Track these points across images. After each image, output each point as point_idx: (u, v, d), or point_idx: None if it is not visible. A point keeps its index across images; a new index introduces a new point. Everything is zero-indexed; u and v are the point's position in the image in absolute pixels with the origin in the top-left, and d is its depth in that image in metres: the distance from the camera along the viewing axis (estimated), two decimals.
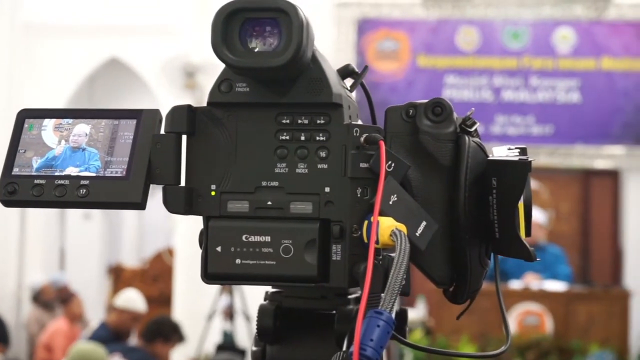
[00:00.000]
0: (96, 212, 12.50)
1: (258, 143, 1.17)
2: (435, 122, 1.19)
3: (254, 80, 1.16)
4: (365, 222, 1.12)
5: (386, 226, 1.08)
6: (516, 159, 1.17)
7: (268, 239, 1.14)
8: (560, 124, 10.21)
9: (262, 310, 1.26)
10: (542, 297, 8.48)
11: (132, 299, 7.22)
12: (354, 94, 1.27)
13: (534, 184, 10.50)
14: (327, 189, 1.15)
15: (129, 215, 13.70)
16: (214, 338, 9.05)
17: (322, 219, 1.15)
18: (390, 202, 1.11)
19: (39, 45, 10.11)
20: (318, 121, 1.16)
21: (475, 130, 1.21)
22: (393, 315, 1.31)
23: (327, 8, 10.22)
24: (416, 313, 9.05)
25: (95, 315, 10.22)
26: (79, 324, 8.82)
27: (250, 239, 1.15)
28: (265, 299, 1.29)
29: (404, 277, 1.13)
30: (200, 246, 1.18)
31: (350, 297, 1.24)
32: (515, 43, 10.28)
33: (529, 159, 1.16)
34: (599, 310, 8.53)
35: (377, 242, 1.09)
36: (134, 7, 10.11)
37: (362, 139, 1.15)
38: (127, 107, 1.25)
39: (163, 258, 11.09)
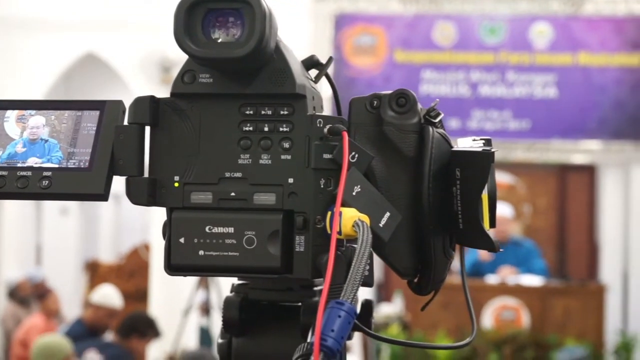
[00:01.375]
0: (73, 208, 12.46)
1: (221, 134, 1.17)
2: (399, 113, 1.18)
3: (217, 71, 1.16)
4: (329, 213, 1.11)
5: (349, 217, 1.08)
6: (479, 149, 1.16)
7: (231, 230, 1.14)
8: (537, 119, 10.23)
9: (227, 302, 1.26)
10: (518, 291, 8.51)
11: (109, 295, 7.20)
12: (319, 85, 1.26)
13: (511, 178, 10.57)
14: (290, 180, 1.15)
15: (105, 210, 13.66)
16: (191, 333, 9.04)
17: (285, 210, 1.15)
18: (354, 193, 1.11)
19: (15, 39, 10.06)
20: (281, 112, 1.15)
21: (440, 121, 1.21)
22: (358, 307, 1.31)
23: (304, 3, 10.22)
24: (393, 308, 9.06)
25: (71, 311, 10.19)
26: (55, 320, 8.78)
27: (213, 230, 1.14)
28: (231, 291, 1.28)
29: (367, 268, 1.13)
30: (164, 238, 1.17)
31: (315, 288, 1.24)
32: (492, 38, 10.29)
33: (492, 150, 1.16)
34: (575, 304, 8.57)
35: (339, 233, 1.08)
36: (111, 2, 10.08)
37: (325, 129, 1.14)
38: None
39: (139, 253, 11.06)
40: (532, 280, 8.60)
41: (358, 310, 1.28)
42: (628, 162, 10.29)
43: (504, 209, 8.95)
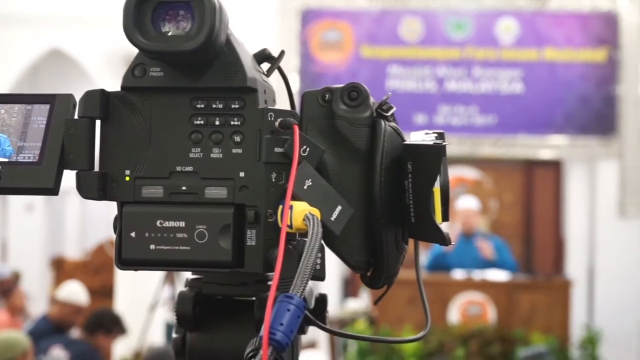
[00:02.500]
0: (38, 204, 12.39)
1: (172, 128, 1.16)
2: (351, 106, 1.18)
3: (168, 64, 1.15)
4: (280, 207, 1.11)
5: (299, 210, 1.08)
6: (431, 143, 1.16)
7: (182, 224, 1.14)
8: (503, 114, 10.28)
9: (181, 297, 1.25)
10: (484, 286, 8.53)
11: (74, 292, 7.17)
12: (272, 79, 1.26)
13: (477, 174, 10.60)
14: (241, 174, 1.15)
15: (71, 206, 13.59)
16: (157, 329, 9.01)
17: (236, 204, 1.14)
18: (305, 187, 1.11)
19: None
20: (232, 105, 1.15)
21: (392, 114, 1.21)
22: (312, 301, 1.31)
23: None
24: (360, 304, 9.08)
25: (37, 308, 10.13)
26: (20, 317, 8.73)
27: (164, 225, 1.14)
28: (185, 286, 1.28)
29: (318, 261, 1.13)
30: (115, 232, 1.17)
31: (270, 283, 1.23)
32: (458, 33, 10.32)
33: (443, 143, 1.16)
34: (541, 299, 8.60)
35: (290, 226, 1.08)
36: None
37: (276, 123, 1.14)
38: None
39: (105, 249, 11.01)
40: (499, 276, 8.63)
41: (312, 304, 1.29)
42: (594, 157, 10.35)
43: (470, 202, 8.99)
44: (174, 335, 1.29)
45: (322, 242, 1.16)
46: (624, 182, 10.29)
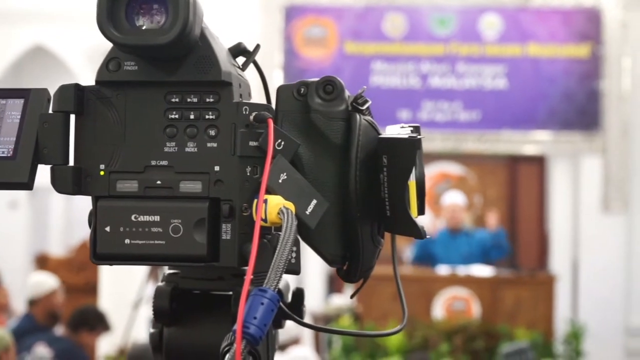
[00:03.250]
0: (22, 201, 12.36)
1: (147, 122, 1.16)
2: (326, 100, 1.18)
3: (142, 58, 1.15)
4: (255, 201, 1.11)
5: (274, 204, 1.08)
6: (406, 136, 1.16)
7: (157, 218, 1.13)
8: (487, 110, 10.30)
9: (158, 291, 1.25)
10: (468, 282, 8.55)
11: (40, 283, 7.16)
12: (247, 73, 1.26)
13: (461, 169, 10.61)
14: (216, 168, 1.14)
15: (56, 203, 13.55)
16: (141, 326, 8.99)
17: (211, 198, 1.14)
18: (280, 181, 1.11)
19: None
20: (207, 99, 1.15)
21: (368, 108, 1.20)
22: (289, 296, 1.31)
23: None
24: (344, 300, 9.08)
25: (21, 305, 10.09)
26: (4, 314, 8.70)
27: (139, 219, 1.14)
28: (162, 280, 1.28)
29: (293, 255, 1.13)
30: (90, 227, 1.17)
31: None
32: (442, 29, 10.34)
33: (418, 137, 1.16)
34: (525, 294, 8.62)
35: (265, 220, 1.08)
36: None
37: (251, 117, 1.14)
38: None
39: (88, 246, 10.95)
40: (483, 271, 8.65)
41: (289, 299, 1.28)
42: (577, 152, 10.38)
43: (457, 197, 9.02)
44: (150, 330, 1.29)
45: (298, 236, 1.16)
46: (607, 177, 10.32)
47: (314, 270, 10.09)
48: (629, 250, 10.43)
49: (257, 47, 1.25)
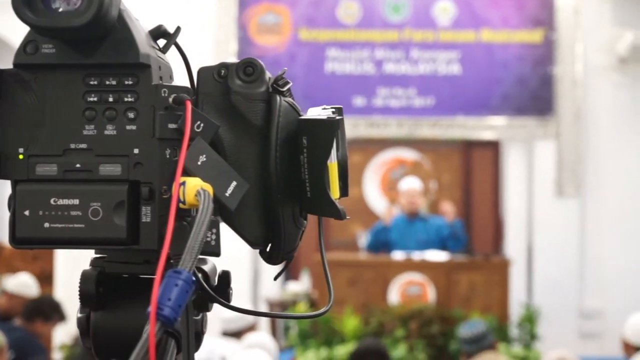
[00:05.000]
0: None
1: (66, 105, 1.15)
2: (246, 82, 1.18)
3: (60, 41, 1.14)
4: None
5: (192, 186, 1.08)
6: (325, 117, 1.16)
7: (76, 201, 1.13)
8: (442, 95, 10.33)
9: (84, 275, 1.25)
10: (424, 267, 8.59)
11: (26, 284, 7.15)
12: (168, 55, 1.25)
13: (415, 155, 10.65)
14: (136, 151, 1.14)
15: (8, 192, 13.45)
16: None
17: (131, 180, 1.14)
18: (199, 163, 1.11)
19: None
20: (126, 82, 1.15)
21: (289, 90, 1.20)
22: (215, 279, 1.31)
23: None
24: (301, 286, 9.11)
25: None
26: None
27: (58, 202, 1.13)
28: (90, 265, 1.27)
29: (213, 237, 1.13)
30: (10, 211, 1.16)
31: (172, 261, 1.23)
32: (396, 16, 10.35)
33: (337, 117, 1.16)
34: (480, 279, 8.67)
35: (183, 202, 1.08)
36: None
37: (170, 99, 1.14)
38: None
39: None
40: (438, 256, 8.69)
41: (215, 282, 1.28)
42: (531, 137, 10.44)
43: (413, 182, 9.06)
44: (78, 315, 1.28)
45: (220, 218, 1.16)
46: (561, 161, 10.38)
47: None
48: (583, 234, 10.53)
49: (178, 29, 1.24)
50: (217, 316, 7.24)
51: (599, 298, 10.42)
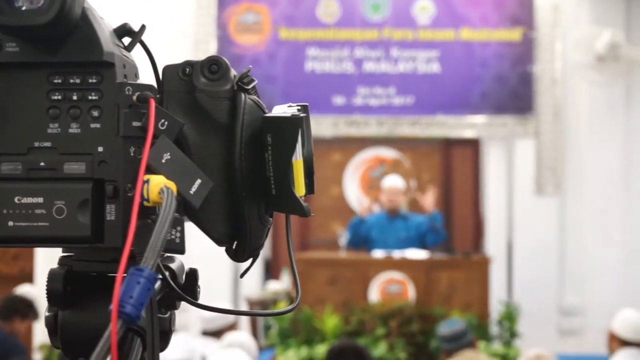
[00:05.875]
0: None
1: (30, 103, 1.15)
2: (211, 80, 1.18)
3: (23, 39, 1.14)
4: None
5: (155, 184, 1.08)
6: (289, 115, 1.17)
7: (41, 200, 1.13)
8: (421, 94, 10.35)
9: (51, 274, 1.25)
10: (404, 265, 8.60)
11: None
12: (134, 54, 1.25)
13: (395, 153, 10.66)
14: (100, 149, 1.14)
15: None
16: None
17: (95, 178, 1.14)
18: (163, 161, 1.11)
19: None
20: (90, 80, 1.15)
21: (254, 87, 1.21)
22: (183, 277, 1.31)
23: None
24: (281, 285, 9.11)
25: None
26: None
27: (22, 201, 1.13)
28: (58, 263, 1.27)
29: (177, 235, 1.13)
30: None
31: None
32: (376, 15, 10.36)
33: (301, 115, 1.16)
34: (460, 277, 8.69)
35: (147, 200, 1.08)
36: None
37: (134, 97, 1.14)
38: None
39: None
40: (418, 254, 8.71)
41: (183, 280, 1.28)
42: (511, 135, 10.47)
43: (395, 180, 9.07)
44: (46, 313, 1.28)
45: (186, 216, 1.16)
46: (540, 159, 10.42)
47: None
48: (562, 232, 10.57)
49: (142, 27, 1.24)
50: (197, 316, 7.23)
51: (579, 295, 10.46)
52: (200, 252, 2.15)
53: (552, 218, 10.53)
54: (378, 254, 8.71)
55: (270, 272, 10.78)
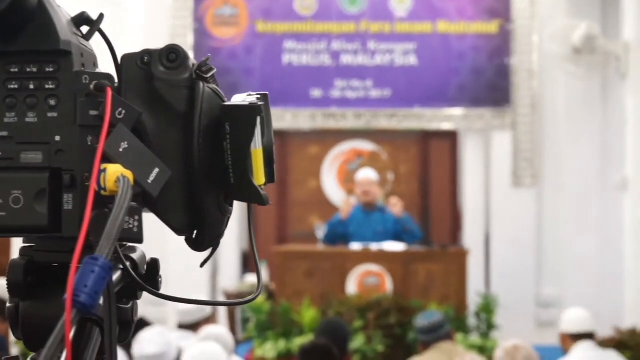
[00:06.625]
0: None
1: None
2: (169, 68, 1.18)
3: None
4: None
5: (112, 172, 1.07)
6: (247, 103, 1.16)
7: None
8: (398, 87, 10.37)
9: (12, 265, 1.24)
10: (381, 257, 8.61)
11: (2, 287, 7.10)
12: (92, 42, 1.24)
13: (373, 146, 10.67)
14: (57, 138, 1.14)
15: None
16: None
17: (52, 168, 1.13)
18: (120, 150, 1.10)
19: None
20: (47, 69, 1.14)
21: (212, 76, 1.20)
22: (144, 267, 1.31)
23: None
24: None
25: None
26: None
27: None
28: (19, 254, 1.27)
29: (135, 224, 1.12)
30: None
31: None
32: (353, 7, 10.37)
33: (259, 104, 1.16)
34: (438, 269, 8.71)
35: (105, 189, 1.08)
36: None
37: (91, 86, 1.13)
38: None
39: None
40: (395, 246, 8.71)
41: (144, 270, 1.28)
42: (488, 127, 10.50)
43: (369, 172, 9.07)
44: (7, 305, 1.28)
45: (145, 205, 1.16)
46: (517, 152, 10.46)
47: (229, 248, 10.09)
48: (539, 224, 10.61)
49: (101, 16, 1.24)
50: (174, 309, 7.23)
51: (556, 287, 10.49)
52: (178, 245, 2.15)
53: (530, 210, 10.56)
54: (355, 246, 8.72)
55: (248, 265, 10.77)
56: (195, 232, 1.21)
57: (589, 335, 6.15)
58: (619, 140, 9.68)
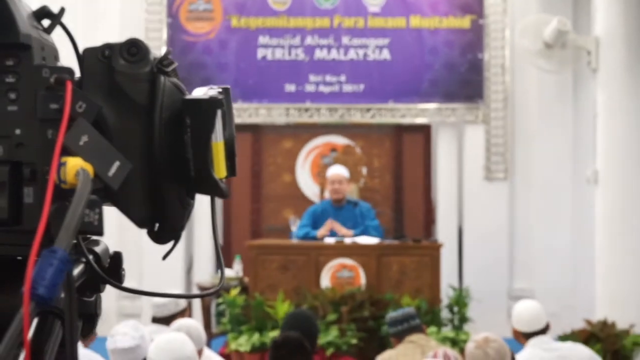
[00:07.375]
0: None
1: None
2: (130, 62, 1.18)
3: None
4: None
5: (72, 166, 1.08)
6: (207, 96, 1.17)
7: None
8: (372, 81, 10.40)
9: None
10: (355, 251, 8.62)
11: None
12: (51, 36, 1.25)
13: (347, 141, 10.68)
14: (17, 131, 1.14)
15: None
16: None
17: (13, 161, 1.14)
18: (81, 143, 1.11)
19: None
20: (7, 63, 1.14)
21: (174, 70, 1.21)
22: (107, 260, 1.31)
23: None
24: (233, 272, 9.10)
25: None
26: None
27: None
28: None
29: (95, 217, 1.13)
30: None
31: None
32: (327, 2, 10.39)
33: (219, 97, 1.17)
34: (411, 262, 8.73)
35: (65, 182, 1.08)
36: None
37: (52, 79, 1.13)
38: None
39: None
40: (369, 240, 8.72)
41: (107, 263, 1.28)
42: (461, 122, 10.55)
43: (339, 169, 9.07)
44: None
45: (106, 199, 1.16)
46: (490, 146, 10.51)
47: (204, 243, 10.08)
48: (512, 217, 10.66)
49: (62, 10, 1.24)
50: (148, 303, 7.22)
51: (528, 280, 10.55)
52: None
53: (502, 203, 10.61)
54: (329, 240, 8.73)
55: (224, 259, 10.76)
56: (156, 225, 1.22)
57: (542, 331, 5.99)
58: (590, 134, 9.73)
